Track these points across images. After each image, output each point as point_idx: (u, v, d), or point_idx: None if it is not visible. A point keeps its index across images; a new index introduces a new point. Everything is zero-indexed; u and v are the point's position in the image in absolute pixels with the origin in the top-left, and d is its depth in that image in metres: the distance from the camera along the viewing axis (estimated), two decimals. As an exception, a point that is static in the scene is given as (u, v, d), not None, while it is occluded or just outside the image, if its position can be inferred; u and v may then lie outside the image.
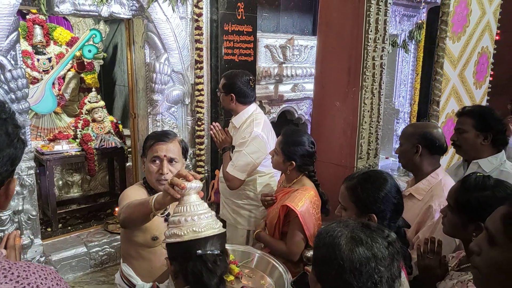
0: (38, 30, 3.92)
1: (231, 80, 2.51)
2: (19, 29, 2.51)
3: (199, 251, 1.11)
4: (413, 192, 2.06)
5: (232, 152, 2.54)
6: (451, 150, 2.53)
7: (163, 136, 1.70)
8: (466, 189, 1.38)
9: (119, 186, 4.01)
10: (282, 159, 2.07)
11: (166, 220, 1.64)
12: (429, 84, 4.80)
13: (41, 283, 0.75)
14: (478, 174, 1.40)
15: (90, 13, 2.70)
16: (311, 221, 1.97)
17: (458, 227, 1.39)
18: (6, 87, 2.42)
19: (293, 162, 2.04)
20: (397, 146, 5.94)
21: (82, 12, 2.67)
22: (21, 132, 0.85)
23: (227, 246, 1.27)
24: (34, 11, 3.62)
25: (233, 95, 2.49)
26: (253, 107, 2.59)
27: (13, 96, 2.47)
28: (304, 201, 1.95)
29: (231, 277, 1.63)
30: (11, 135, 0.77)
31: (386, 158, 6.01)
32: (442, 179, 2.00)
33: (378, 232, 0.94)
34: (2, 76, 2.39)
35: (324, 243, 0.95)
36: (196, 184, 1.19)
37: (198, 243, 1.12)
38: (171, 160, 1.67)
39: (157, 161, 1.67)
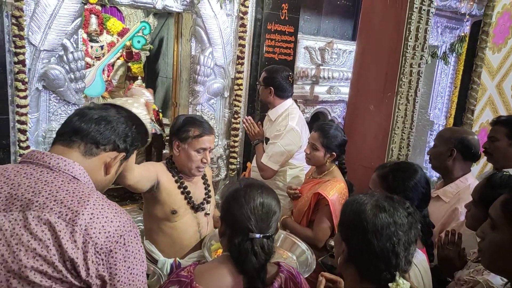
0: (93, 20, 4.23)
1: (272, 74, 2.65)
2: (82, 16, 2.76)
3: (252, 234, 1.12)
4: (441, 194, 2.12)
5: (265, 144, 2.68)
6: (483, 160, 2.55)
7: (208, 129, 1.83)
8: (491, 186, 1.45)
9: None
10: (323, 153, 2.17)
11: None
12: (467, 97, 4.75)
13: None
14: (504, 172, 1.47)
15: (146, 4, 2.91)
16: (339, 210, 2.06)
17: (480, 221, 1.46)
18: (67, 67, 2.66)
19: (334, 153, 2.16)
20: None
21: (138, 3, 2.89)
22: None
23: None
24: (92, 1, 3.90)
25: (272, 88, 2.63)
26: (290, 102, 2.72)
27: (72, 76, 2.71)
28: (335, 191, 2.06)
29: None
30: (132, 133, 1.16)
31: (417, 169, 5.95)
32: (471, 184, 2.05)
33: (400, 203, 1.06)
34: (64, 57, 2.63)
35: (351, 209, 1.07)
36: None
37: (253, 221, 1.13)
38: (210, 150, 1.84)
39: (201, 152, 1.80)
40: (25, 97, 2.47)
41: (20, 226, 0.86)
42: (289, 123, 2.57)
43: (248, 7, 3.36)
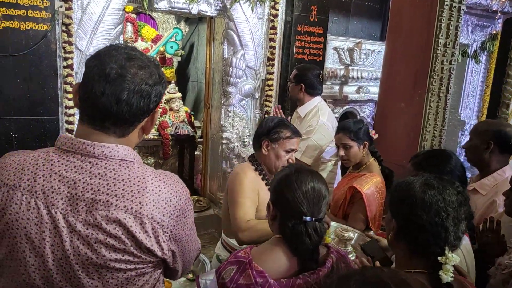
0: (129, 27, 4.43)
1: (303, 72, 2.75)
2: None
3: (306, 218, 1.15)
4: (478, 187, 2.12)
5: None
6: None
7: (297, 132, 1.96)
8: None
9: (188, 172, 4.37)
10: (357, 146, 2.22)
11: None
12: (500, 96, 4.65)
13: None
14: None
15: (182, 10, 3.06)
16: (374, 205, 2.11)
17: None
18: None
19: (366, 142, 2.21)
20: (460, 158, 5.79)
21: (175, 9, 3.04)
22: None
23: None
24: (128, 9, 4.10)
25: (302, 85, 2.72)
26: (319, 99, 2.80)
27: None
28: (371, 185, 2.10)
29: (328, 239, 1.79)
30: (161, 76, 1.02)
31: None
32: (509, 177, 2.04)
33: (449, 182, 1.10)
34: (108, 61, 2.80)
35: (401, 187, 1.12)
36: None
37: (306, 204, 1.16)
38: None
39: (289, 152, 1.91)
40: (72, 99, 2.64)
41: (92, 227, 0.89)
42: (320, 118, 2.65)
43: (278, 10, 3.45)
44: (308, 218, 1.15)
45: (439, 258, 1.02)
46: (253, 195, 1.81)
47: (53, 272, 0.90)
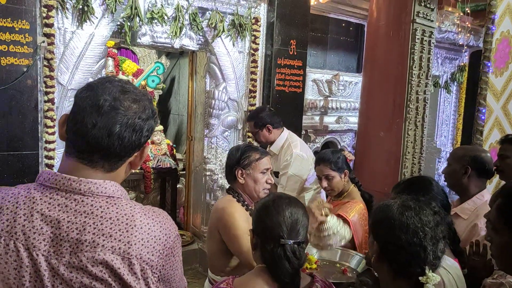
0: (110, 62, 4.45)
1: (259, 116, 2.86)
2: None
3: (283, 240, 1.17)
4: (459, 212, 2.16)
5: (276, 178, 2.77)
6: (495, 179, 2.61)
7: (265, 152, 1.96)
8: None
9: (170, 206, 4.29)
10: (338, 175, 2.24)
11: None
12: (472, 124, 4.87)
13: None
14: None
15: (164, 44, 3.11)
16: (360, 231, 2.11)
17: None
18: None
19: (346, 170, 2.24)
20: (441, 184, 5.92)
21: (158, 44, 3.09)
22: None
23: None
24: (109, 44, 4.14)
25: (268, 126, 2.79)
26: (286, 133, 2.89)
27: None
28: (355, 212, 2.12)
29: (314, 265, 1.78)
30: (154, 111, 0.99)
31: (428, 197, 5.96)
32: (488, 200, 2.10)
33: (425, 203, 1.14)
34: (89, 95, 2.79)
35: (380, 210, 1.16)
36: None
37: (283, 228, 1.19)
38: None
39: (265, 172, 1.89)
40: (53, 133, 2.60)
41: (76, 269, 0.84)
42: (293, 151, 2.73)
43: (258, 44, 3.56)
44: (286, 241, 1.17)
45: (420, 278, 1.04)
46: (247, 225, 1.79)
47: None
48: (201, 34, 3.25)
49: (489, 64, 2.73)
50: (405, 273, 1.09)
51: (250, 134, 3.66)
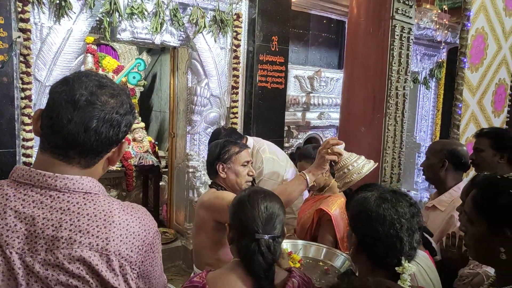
0: (90, 58, 4.37)
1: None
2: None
3: (258, 235, 1.17)
4: (436, 204, 2.22)
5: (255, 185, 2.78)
6: (472, 172, 2.68)
7: (244, 145, 1.97)
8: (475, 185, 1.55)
9: (152, 203, 4.26)
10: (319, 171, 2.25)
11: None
12: (450, 119, 4.99)
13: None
14: (485, 173, 1.58)
15: (145, 40, 3.08)
16: (341, 225, 2.14)
17: None
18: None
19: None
20: (418, 180, 6.03)
21: (138, 40, 3.05)
22: None
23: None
24: (88, 40, 4.07)
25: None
26: (250, 140, 2.85)
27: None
28: (337, 206, 2.14)
29: (297, 264, 1.78)
30: (132, 106, 0.98)
31: (408, 191, 6.09)
32: (463, 193, 2.16)
33: (402, 195, 1.17)
34: (68, 92, 2.74)
35: (358, 202, 1.18)
36: (343, 145, 1.71)
37: (258, 223, 1.18)
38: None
39: (246, 165, 1.91)
40: (30, 131, 2.55)
41: (52, 267, 0.82)
42: (262, 156, 2.74)
43: (240, 40, 3.56)
44: (261, 236, 1.17)
45: (396, 268, 1.07)
46: None
47: None
48: (182, 30, 3.23)
49: (465, 60, 2.80)
50: (382, 264, 1.11)
51: (232, 130, 3.67)
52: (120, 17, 2.85)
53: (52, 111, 0.89)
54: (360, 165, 1.65)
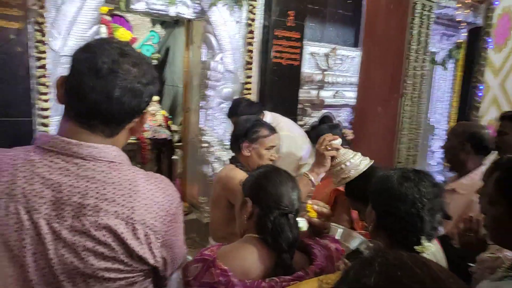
0: (103, 29, 4.31)
1: (236, 111, 2.70)
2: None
3: (287, 209, 1.18)
4: (456, 187, 2.18)
5: None
6: (493, 156, 2.63)
7: (274, 129, 1.98)
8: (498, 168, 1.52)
9: (166, 177, 4.28)
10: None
11: None
12: (467, 102, 4.87)
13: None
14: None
15: (160, 12, 3.02)
16: (357, 204, 2.13)
17: None
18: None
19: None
20: (431, 162, 5.96)
21: (153, 11, 2.99)
22: None
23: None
24: (103, 10, 4.00)
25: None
26: (268, 115, 2.80)
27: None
28: (354, 185, 2.12)
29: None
30: (154, 76, 0.96)
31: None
32: (485, 175, 2.12)
33: (425, 175, 1.16)
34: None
35: (380, 180, 1.19)
36: (339, 141, 1.71)
37: (288, 198, 1.20)
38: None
39: (270, 149, 1.93)
40: (46, 100, 2.54)
41: (79, 233, 0.83)
42: (279, 133, 2.66)
43: (255, 14, 3.47)
44: (289, 210, 1.19)
45: (415, 247, 1.07)
46: None
47: (34, 283, 0.83)
48: (197, 2, 3.16)
49: (489, 40, 2.69)
50: (401, 242, 1.11)
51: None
52: (136, -13, 2.79)
53: (74, 79, 0.88)
54: (358, 161, 1.66)
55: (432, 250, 1.10)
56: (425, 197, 1.09)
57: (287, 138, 2.67)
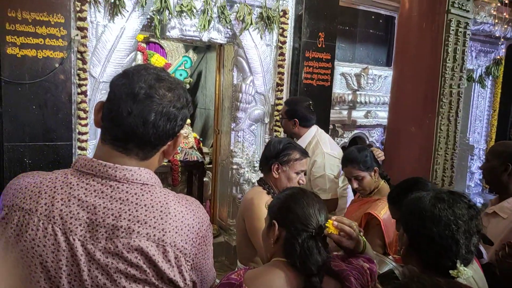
0: (139, 56, 4.52)
1: (293, 106, 2.69)
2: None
3: (315, 231, 1.14)
4: (498, 210, 2.06)
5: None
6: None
7: (306, 153, 1.95)
8: None
9: (196, 199, 4.33)
10: (368, 175, 2.16)
11: None
12: (508, 121, 4.66)
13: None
14: None
15: (193, 38, 3.13)
16: (391, 230, 2.05)
17: None
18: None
19: (376, 168, 2.17)
20: (470, 184, 5.70)
21: (187, 37, 3.11)
22: None
23: None
24: (139, 38, 4.20)
25: (296, 120, 2.66)
26: (314, 129, 2.71)
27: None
28: (386, 210, 2.05)
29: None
30: (188, 100, 0.99)
31: (459, 195, 5.77)
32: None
33: (460, 196, 1.10)
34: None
35: (411, 201, 1.14)
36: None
37: (316, 220, 1.17)
38: None
39: (300, 173, 1.91)
40: (85, 125, 2.67)
41: (112, 255, 0.85)
42: (323, 150, 2.58)
43: (286, 37, 3.53)
44: (317, 233, 1.16)
45: (450, 271, 1.02)
46: None
47: None
48: (229, 27, 3.25)
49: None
50: (434, 266, 1.06)
51: (277, 128, 3.64)
52: (170, 15, 2.91)
53: (112, 103, 0.91)
54: None
55: (468, 275, 1.03)
56: (460, 219, 1.05)
57: (331, 157, 2.58)
